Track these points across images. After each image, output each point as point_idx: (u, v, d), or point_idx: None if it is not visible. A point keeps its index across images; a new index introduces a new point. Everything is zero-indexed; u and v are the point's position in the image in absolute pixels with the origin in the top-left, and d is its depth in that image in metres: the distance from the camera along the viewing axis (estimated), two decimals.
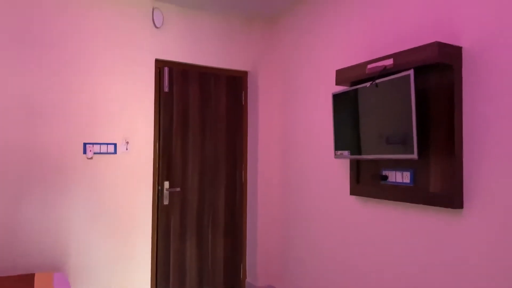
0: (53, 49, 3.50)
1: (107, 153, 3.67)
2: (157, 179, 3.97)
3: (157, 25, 3.91)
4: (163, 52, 3.97)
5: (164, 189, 3.97)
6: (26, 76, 3.40)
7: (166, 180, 3.99)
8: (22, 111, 3.37)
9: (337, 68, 3.45)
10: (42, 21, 3.47)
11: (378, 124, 2.74)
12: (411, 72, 2.46)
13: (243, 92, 4.46)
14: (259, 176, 4.39)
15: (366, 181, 3.06)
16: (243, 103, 4.46)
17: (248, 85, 4.49)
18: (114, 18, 3.75)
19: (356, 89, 2.93)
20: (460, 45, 2.44)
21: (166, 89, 4.01)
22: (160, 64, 4.02)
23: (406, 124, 2.51)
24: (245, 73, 4.48)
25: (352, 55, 3.32)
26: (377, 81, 2.74)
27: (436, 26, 2.61)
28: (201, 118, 4.19)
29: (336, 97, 3.13)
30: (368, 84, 2.82)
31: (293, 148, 4.05)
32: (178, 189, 4.05)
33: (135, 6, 3.84)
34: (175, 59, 4.04)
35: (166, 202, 3.98)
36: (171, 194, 4.01)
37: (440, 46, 2.34)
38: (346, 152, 3.05)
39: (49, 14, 3.50)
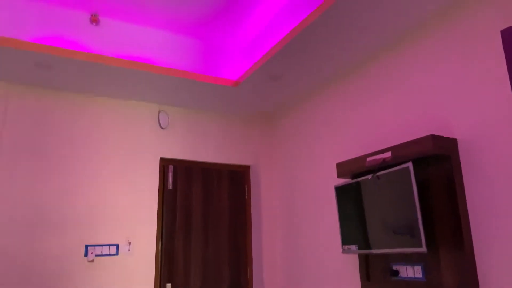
0: (60, 155, 3.63)
1: (108, 254, 3.59)
2: (159, 281, 3.82)
3: (163, 126, 4.09)
4: (167, 151, 4.09)
5: None
6: (32, 181, 3.47)
7: (168, 282, 3.84)
8: (25, 215, 3.38)
9: (337, 161, 3.52)
10: (51, 129, 3.64)
11: (383, 215, 2.72)
12: (409, 164, 2.51)
13: (246, 186, 4.50)
14: (265, 274, 4.23)
15: (377, 278, 2.94)
16: (246, 197, 4.46)
17: (251, 179, 4.54)
18: (122, 122, 3.94)
19: (358, 182, 2.97)
20: (455, 137, 2.53)
21: (170, 187, 4.05)
22: (164, 162, 4.11)
23: (411, 215, 2.49)
24: (247, 168, 4.56)
25: (351, 148, 3.41)
26: (378, 173, 2.78)
27: (430, 119, 2.73)
28: (204, 215, 4.17)
29: (339, 190, 3.15)
30: (369, 176, 2.85)
31: (299, 244, 3.96)
32: None
33: (143, 109, 4.06)
34: (179, 157, 4.15)
35: None
36: None
37: (435, 139, 2.42)
38: (354, 247, 2.98)
39: (58, 123, 3.69)
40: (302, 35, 2.98)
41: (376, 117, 3.19)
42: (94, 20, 3.39)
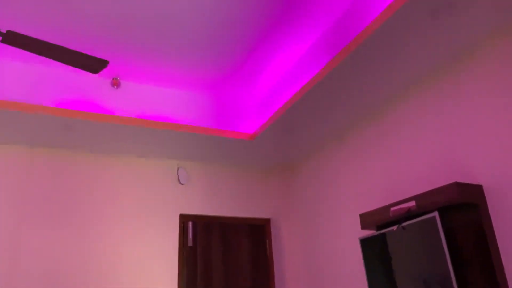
0: (81, 213, 3.65)
1: None
2: None
3: (182, 182, 4.11)
4: (187, 207, 4.09)
5: None
6: (53, 239, 3.47)
7: None
8: (46, 272, 3.35)
9: (360, 211, 3.46)
10: (72, 189, 3.70)
11: (412, 267, 2.62)
12: (435, 214, 2.46)
13: (267, 240, 4.42)
14: None
15: None
16: (268, 252, 4.37)
17: (272, 233, 4.47)
18: (142, 179, 3.98)
19: (384, 233, 2.90)
20: (480, 183, 2.48)
21: (190, 243, 4.00)
22: (184, 219, 4.09)
23: (441, 265, 2.40)
24: (267, 221, 4.50)
25: (373, 198, 3.36)
26: (404, 224, 2.72)
27: (453, 165, 2.69)
28: (225, 271, 4.07)
29: (365, 242, 3.07)
30: (395, 227, 2.79)
31: None
32: None
33: (162, 166, 4.11)
34: (199, 212, 4.13)
35: None
36: None
37: (459, 187, 2.38)
38: None
39: (80, 183, 3.75)
40: (317, 87, 3.05)
41: (396, 165, 3.17)
42: (115, 84, 3.53)
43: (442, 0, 2.26)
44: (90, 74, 3.48)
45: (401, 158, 3.12)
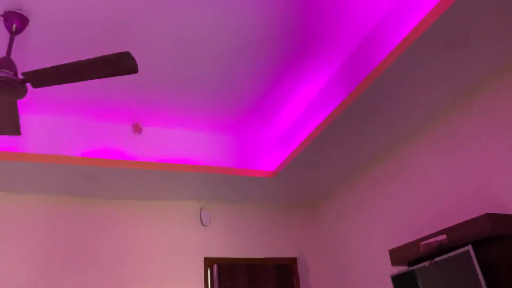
0: (105, 259, 3.65)
1: None
2: None
3: (205, 224, 4.09)
4: (211, 249, 4.04)
5: None
6: (77, 285, 3.47)
7: None
8: None
9: (389, 247, 3.35)
10: (96, 236, 3.72)
11: None
12: (469, 248, 2.35)
13: (294, 279, 4.29)
14: None
15: None
16: None
17: (299, 272, 4.34)
18: (165, 223, 3.98)
19: (416, 269, 2.78)
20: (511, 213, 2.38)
21: (216, 287, 3.92)
22: (209, 262, 4.03)
23: None
24: (294, 260, 4.39)
25: (402, 232, 3.26)
26: (436, 259, 2.60)
27: (483, 195, 2.60)
28: None
29: (396, 279, 2.95)
30: (427, 263, 2.68)
31: None
32: None
33: (184, 208, 4.11)
34: (223, 254, 4.07)
35: None
36: None
37: (491, 218, 2.28)
38: None
39: (103, 229, 3.77)
40: (336, 121, 3.03)
41: (424, 197, 3.08)
42: (137, 130, 3.61)
43: (454, 35, 2.25)
44: (112, 121, 3.57)
45: (429, 190, 3.04)
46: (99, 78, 2.21)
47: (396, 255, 2.94)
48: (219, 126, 3.81)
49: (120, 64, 2.14)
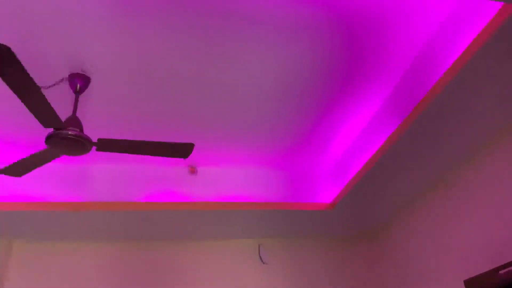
0: None
1: None
2: None
3: (264, 261, 4.05)
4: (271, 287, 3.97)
5: None
6: None
7: None
8: None
9: (462, 277, 3.13)
10: (157, 279, 3.78)
11: None
12: None
13: None
14: None
15: None
16: None
17: None
18: (223, 262, 3.98)
19: None
20: None
21: None
22: None
23: None
24: None
25: (475, 260, 3.04)
26: None
27: None
28: None
29: None
30: None
31: None
32: None
33: (242, 246, 4.10)
34: None
35: None
36: None
37: None
38: None
39: (163, 272, 3.83)
40: (396, 146, 2.93)
41: (500, 220, 2.88)
42: (193, 171, 3.70)
43: None
44: (167, 165, 3.69)
45: (504, 213, 2.84)
46: (157, 155, 2.59)
47: (473, 286, 2.75)
48: (271, 161, 3.83)
49: (181, 152, 2.57)
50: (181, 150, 2.57)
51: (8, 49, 1.73)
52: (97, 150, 2.46)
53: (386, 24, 2.46)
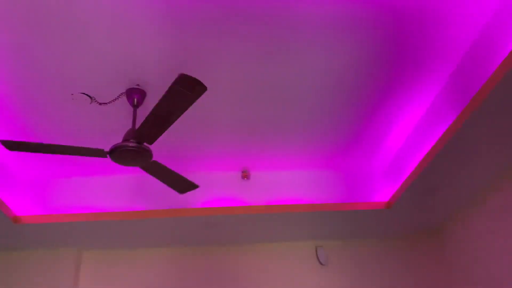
0: None
1: None
2: None
3: (323, 263, 4.00)
4: None
5: None
6: None
7: None
8: None
9: None
10: (219, 282, 3.84)
11: None
12: None
13: None
14: None
15: None
16: None
17: None
18: (281, 264, 3.98)
19: None
20: None
21: None
22: None
23: None
24: None
25: None
26: None
27: None
28: None
29: None
30: None
31: None
32: None
33: (300, 249, 4.09)
34: None
35: None
36: None
37: None
38: None
39: (223, 275, 3.89)
40: (456, 137, 2.78)
41: None
42: (245, 176, 3.74)
43: None
44: (221, 171, 3.76)
45: None
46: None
47: None
48: (324, 162, 3.79)
49: (182, 186, 2.86)
50: (184, 186, 2.87)
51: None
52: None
53: (439, 11, 2.37)
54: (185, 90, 2.06)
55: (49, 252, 3.80)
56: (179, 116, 2.24)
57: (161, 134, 2.38)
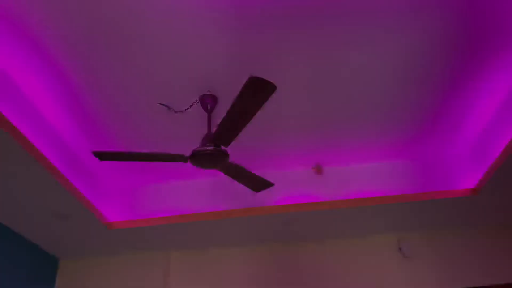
0: None
1: None
2: None
3: (406, 255, 3.87)
4: (416, 281, 3.77)
5: None
6: None
7: None
8: None
9: None
10: (300, 276, 3.86)
11: None
12: None
13: None
14: None
15: None
16: None
17: None
18: (364, 258, 3.91)
19: None
20: None
21: None
22: None
23: None
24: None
25: None
26: None
27: None
28: None
29: None
30: None
31: None
32: None
33: (381, 242, 3.99)
34: (431, 286, 3.75)
35: None
36: None
37: None
38: None
39: (303, 271, 3.90)
40: None
41: None
42: (319, 171, 3.72)
43: None
44: (293, 169, 3.76)
45: None
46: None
47: None
48: (398, 153, 3.66)
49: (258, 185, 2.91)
50: (259, 185, 2.91)
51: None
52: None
53: None
54: (257, 92, 2.11)
55: (140, 255, 4.07)
56: (252, 117, 2.29)
57: (236, 137, 2.44)
